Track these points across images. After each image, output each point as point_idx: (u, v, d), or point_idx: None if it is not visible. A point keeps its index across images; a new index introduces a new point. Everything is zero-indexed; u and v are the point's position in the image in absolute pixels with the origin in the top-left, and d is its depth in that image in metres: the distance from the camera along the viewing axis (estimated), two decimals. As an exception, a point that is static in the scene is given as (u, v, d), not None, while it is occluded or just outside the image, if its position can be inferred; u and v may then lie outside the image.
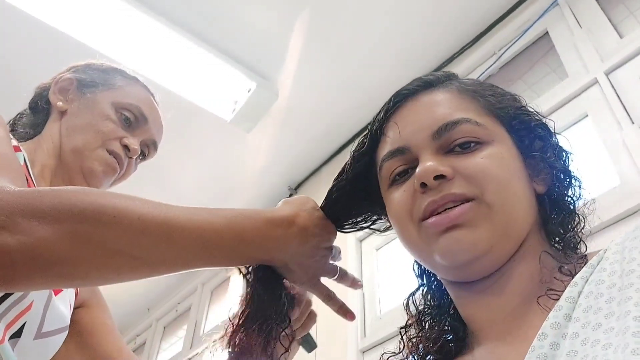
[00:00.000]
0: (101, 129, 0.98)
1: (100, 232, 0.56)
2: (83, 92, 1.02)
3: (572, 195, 0.63)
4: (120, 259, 0.58)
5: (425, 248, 0.60)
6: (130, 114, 1.02)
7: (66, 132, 0.98)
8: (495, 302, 0.58)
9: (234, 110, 2.31)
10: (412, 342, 0.66)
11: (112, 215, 0.56)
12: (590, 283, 0.47)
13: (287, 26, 2.11)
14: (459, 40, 2.16)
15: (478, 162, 0.58)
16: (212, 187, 2.79)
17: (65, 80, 1.03)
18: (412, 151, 0.62)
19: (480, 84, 0.68)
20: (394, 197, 0.63)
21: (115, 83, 1.04)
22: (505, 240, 0.57)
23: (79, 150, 0.97)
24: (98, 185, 0.99)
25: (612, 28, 1.69)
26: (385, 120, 0.67)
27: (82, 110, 1.00)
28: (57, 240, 0.53)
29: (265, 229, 0.65)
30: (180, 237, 0.60)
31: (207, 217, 0.62)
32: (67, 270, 0.56)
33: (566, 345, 0.43)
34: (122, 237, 0.57)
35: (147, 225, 0.58)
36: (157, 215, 0.59)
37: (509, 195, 0.58)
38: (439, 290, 0.69)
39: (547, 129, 0.65)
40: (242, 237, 0.63)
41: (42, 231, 0.53)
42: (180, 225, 0.60)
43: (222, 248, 0.63)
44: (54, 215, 0.54)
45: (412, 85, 0.68)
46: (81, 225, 0.55)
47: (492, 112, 0.63)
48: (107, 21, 2.01)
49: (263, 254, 0.67)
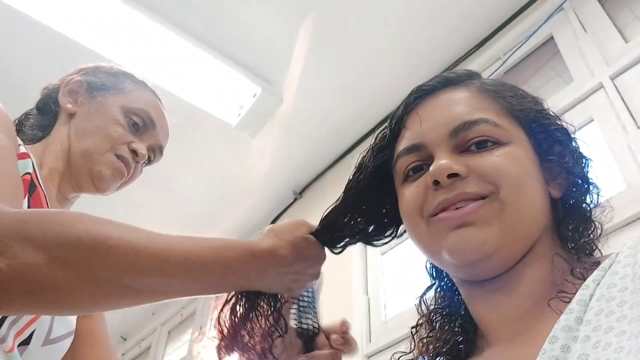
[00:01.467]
0: (110, 134, 0.99)
1: (94, 262, 0.56)
2: (93, 95, 1.02)
3: (589, 202, 0.62)
4: (111, 288, 0.58)
5: (433, 244, 0.60)
6: (139, 119, 1.03)
7: (75, 135, 0.98)
8: (506, 302, 0.57)
9: (239, 115, 2.32)
10: (423, 342, 0.66)
11: (107, 245, 0.57)
12: (602, 286, 0.47)
13: (292, 32, 2.11)
14: (464, 45, 2.16)
15: (493, 160, 0.58)
16: (217, 192, 2.79)
17: (75, 82, 1.03)
18: (427, 148, 0.62)
19: (502, 84, 0.68)
20: (406, 193, 0.63)
21: (125, 87, 1.05)
22: (514, 240, 0.56)
23: (88, 154, 0.97)
24: (106, 188, 1.00)
25: (617, 32, 1.69)
26: (404, 115, 0.67)
27: (91, 113, 1.00)
28: (49, 266, 0.53)
29: (249, 261, 0.66)
30: (172, 270, 0.61)
31: (196, 249, 0.63)
32: (57, 297, 0.56)
33: (577, 348, 0.43)
34: (115, 267, 0.57)
35: (141, 257, 0.59)
36: (150, 247, 0.59)
37: (522, 193, 0.57)
38: (450, 290, 0.69)
39: (567, 134, 0.64)
40: (227, 270, 0.65)
41: (34, 257, 0.53)
42: (172, 258, 0.61)
43: (210, 280, 0.65)
44: (47, 241, 0.54)
45: (432, 81, 0.68)
46: (75, 254, 0.55)
47: (511, 114, 0.63)
48: (113, 26, 2.02)
49: (246, 283, 0.68)
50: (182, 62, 2.15)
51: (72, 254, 0.55)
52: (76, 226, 0.56)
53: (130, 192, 3.09)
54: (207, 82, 2.23)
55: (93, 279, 0.56)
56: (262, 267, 0.67)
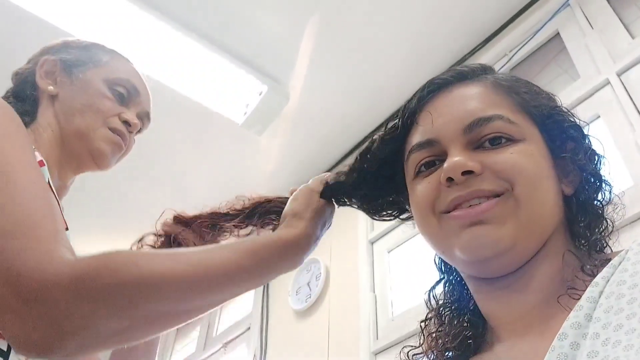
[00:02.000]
0: (100, 108, 0.96)
1: (153, 307, 0.60)
2: (72, 73, 0.99)
3: (601, 199, 0.62)
4: (163, 320, 0.63)
5: (445, 241, 0.59)
6: (123, 88, 1.01)
7: (64, 117, 0.95)
8: (516, 299, 0.57)
9: (246, 113, 2.32)
10: (432, 336, 0.66)
11: (158, 284, 0.60)
12: (611, 283, 0.47)
13: (298, 30, 2.12)
14: (470, 42, 2.16)
15: (508, 157, 0.57)
16: (224, 190, 2.79)
17: (49, 62, 0.99)
18: (441, 144, 0.61)
19: (516, 79, 0.67)
20: (418, 188, 0.63)
21: (101, 59, 1.02)
22: (529, 238, 0.56)
23: (83, 133, 0.94)
24: (107, 164, 0.99)
25: (623, 28, 1.68)
26: (417, 108, 0.66)
27: (75, 91, 0.97)
28: (116, 316, 0.57)
29: (284, 254, 0.72)
30: (218, 286, 0.66)
31: (237, 259, 0.67)
32: (123, 342, 0.62)
33: (587, 345, 0.43)
34: (169, 301, 0.61)
35: (191, 287, 0.62)
36: (198, 274, 0.63)
37: (537, 190, 0.57)
38: (459, 284, 0.69)
39: (581, 131, 0.63)
40: (267, 268, 0.71)
41: (100, 316, 0.56)
42: (215, 276, 0.65)
43: (254, 281, 0.71)
44: (111, 300, 0.57)
45: (446, 75, 0.67)
46: (137, 309, 0.59)
47: (525, 110, 0.62)
48: (120, 25, 2.03)
49: (287, 269, 0.74)
50: (188, 61, 2.16)
51: (135, 310, 0.59)
52: (129, 277, 0.59)
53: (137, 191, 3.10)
54: (213, 81, 2.23)
55: (153, 319, 0.61)
56: (297, 252, 0.74)
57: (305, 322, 2.30)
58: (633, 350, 0.39)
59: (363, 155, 0.73)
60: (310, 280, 2.40)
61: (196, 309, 0.66)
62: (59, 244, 0.60)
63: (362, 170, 0.73)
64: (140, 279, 0.58)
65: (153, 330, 0.64)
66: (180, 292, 0.61)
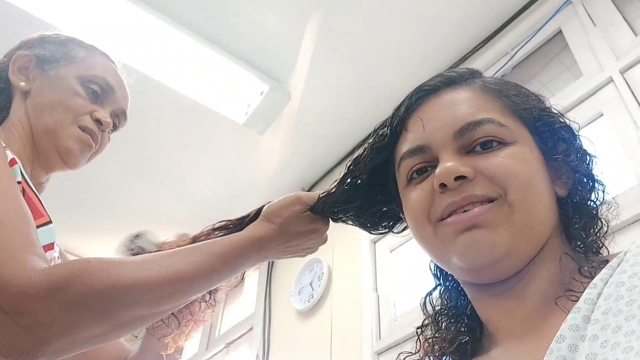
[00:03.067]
0: (70, 106, 0.94)
1: (127, 313, 0.64)
2: (45, 69, 0.96)
3: (594, 199, 0.61)
4: (137, 322, 0.66)
5: (442, 249, 0.59)
6: (96, 86, 0.98)
7: (34, 114, 0.93)
8: (514, 305, 0.57)
9: (247, 113, 2.32)
10: (429, 342, 0.66)
11: (129, 290, 0.63)
12: (609, 285, 0.47)
13: (299, 29, 2.11)
14: (471, 41, 2.15)
15: (500, 161, 0.57)
16: (226, 190, 2.80)
17: (22, 57, 0.97)
18: (432, 150, 0.61)
19: (504, 83, 0.67)
20: (412, 196, 0.62)
21: (77, 55, 0.99)
22: (525, 243, 0.56)
23: (51, 130, 0.92)
24: (75, 163, 0.96)
25: (626, 26, 1.67)
26: (406, 116, 0.66)
27: (46, 88, 0.94)
28: (92, 324, 0.61)
29: (250, 252, 0.76)
30: (190, 289, 0.70)
31: (206, 261, 0.71)
32: (99, 343, 0.65)
33: (585, 347, 0.43)
34: (140, 307, 0.65)
35: (163, 293, 0.66)
36: (168, 278, 0.66)
37: (531, 194, 0.56)
38: (456, 290, 0.69)
39: (571, 132, 0.63)
40: (236, 267, 0.76)
41: (78, 324, 0.60)
42: (188, 281, 0.69)
43: (222, 278, 0.75)
44: (86, 308, 0.60)
45: (433, 81, 0.66)
46: (112, 316, 0.62)
47: (515, 113, 0.62)
48: (121, 25, 2.03)
49: (253, 264, 0.80)
50: (189, 61, 2.15)
51: (112, 315, 0.62)
52: (108, 288, 0.61)
53: (139, 192, 3.11)
54: (215, 81, 2.23)
55: (127, 321, 0.64)
56: (263, 253, 0.78)
57: (307, 322, 2.30)
58: (632, 352, 0.39)
59: (353, 165, 0.73)
60: (312, 280, 2.39)
61: (170, 309, 0.70)
62: (33, 254, 0.62)
63: (353, 179, 0.73)
64: (111, 287, 0.60)
65: (129, 331, 0.66)
66: (152, 298, 0.64)
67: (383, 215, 0.75)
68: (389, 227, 0.76)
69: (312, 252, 0.87)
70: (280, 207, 0.79)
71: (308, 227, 0.80)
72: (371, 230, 0.77)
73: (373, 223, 0.76)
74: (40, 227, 0.79)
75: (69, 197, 2.51)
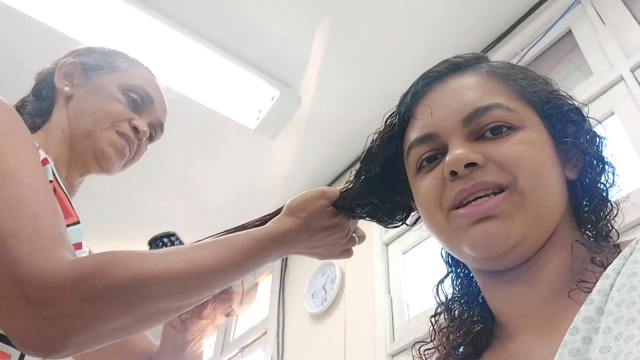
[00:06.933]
0: (111, 110, 0.97)
1: (151, 305, 0.64)
2: (89, 76, 1.00)
3: (604, 181, 0.61)
4: (162, 315, 0.67)
5: (454, 238, 0.59)
6: (137, 95, 1.01)
7: (74, 117, 0.96)
8: (525, 292, 0.56)
9: (258, 118, 2.34)
10: (443, 332, 0.65)
11: (159, 285, 0.63)
12: (622, 275, 0.46)
13: (309, 35, 2.12)
14: (481, 42, 2.15)
15: (510, 149, 0.56)
16: (239, 194, 2.82)
17: (69, 64, 1.01)
18: (441, 137, 0.60)
19: (511, 67, 0.66)
20: (422, 185, 0.62)
21: (119, 65, 1.03)
22: (537, 229, 0.55)
23: (90, 132, 0.95)
24: (110, 167, 0.98)
25: (636, 24, 1.67)
26: (413, 103, 0.65)
27: (89, 94, 0.98)
28: (117, 316, 0.61)
29: (273, 248, 0.76)
30: (214, 283, 0.70)
31: (230, 254, 0.71)
32: (123, 337, 0.65)
33: (599, 340, 0.42)
34: (167, 299, 0.65)
35: (187, 285, 0.66)
36: (192, 271, 0.66)
37: (541, 181, 0.56)
38: (467, 277, 0.68)
39: (580, 114, 0.62)
40: (259, 260, 0.75)
41: (102, 316, 0.59)
42: (211, 275, 0.69)
43: (246, 272, 0.75)
44: (112, 300, 0.60)
45: (440, 67, 0.66)
46: (136, 309, 0.62)
47: (523, 97, 0.61)
48: (131, 33, 2.05)
49: (276, 258, 0.78)
50: (200, 67, 2.17)
51: (135, 305, 0.62)
52: (130, 277, 0.61)
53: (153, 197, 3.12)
54: (226, 87, 2.25)
55: (151, 314, 0.65)
56: (286, 248, 0.78)
57: (321, 325, 2.31)
58: None
59: (366, 158, 0.73)
60: (325, 283, 2.40)
61: (194, 302, 0.70)
62: (62, 247, 0.62)
63: (367, 172, 0.73)
64: (136, 279, 0.61)
65: (154, 324, 0.67)
66: (176, 290, 0.65)
67: (396, 205, 0.74)
68: (403, 219, 0.76)
69: (333, 255, 0.86)
70: (305, 202, 0.79)
71: (331, 221, 0.80)
72: (387, 224, 0.76)
73: (389, 216, 0.75)
74: (69, 226, 0.81)
75: (82, 203, 2.53)
